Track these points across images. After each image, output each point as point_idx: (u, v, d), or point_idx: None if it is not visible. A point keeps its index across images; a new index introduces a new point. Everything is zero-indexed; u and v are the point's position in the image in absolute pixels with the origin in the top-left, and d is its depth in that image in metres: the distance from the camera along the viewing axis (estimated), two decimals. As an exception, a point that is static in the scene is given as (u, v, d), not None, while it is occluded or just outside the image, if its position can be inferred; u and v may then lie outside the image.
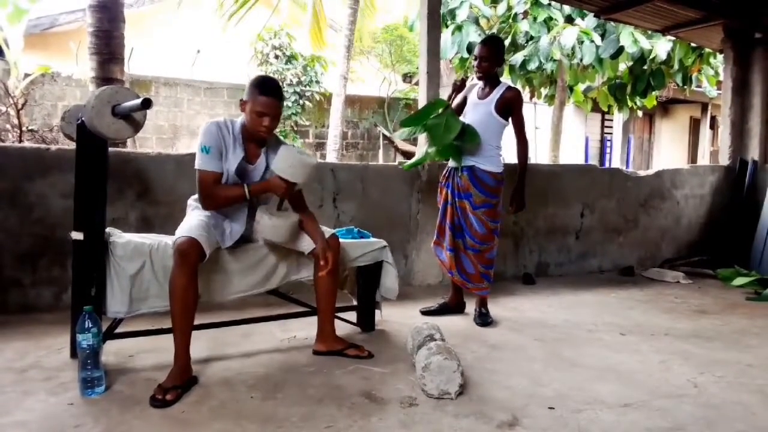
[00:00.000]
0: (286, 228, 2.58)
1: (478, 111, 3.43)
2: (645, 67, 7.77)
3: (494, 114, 3.38)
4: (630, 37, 6.83)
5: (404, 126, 3.55)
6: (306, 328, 3.05)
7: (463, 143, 3.36)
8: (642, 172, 5.56)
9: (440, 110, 3.43)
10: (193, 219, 2.55)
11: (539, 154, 11.94)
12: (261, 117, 2.48)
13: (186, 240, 2.37)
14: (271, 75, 10.39)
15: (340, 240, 2.84)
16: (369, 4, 11.35)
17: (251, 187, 2.50)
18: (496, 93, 3.39)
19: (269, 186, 2.53)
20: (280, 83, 10.36)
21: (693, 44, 7.20)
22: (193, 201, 2.71)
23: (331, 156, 9.31)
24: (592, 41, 6.93)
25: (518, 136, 3.46)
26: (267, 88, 2.50)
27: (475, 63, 3.46)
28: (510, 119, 3.43)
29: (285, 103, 10.31)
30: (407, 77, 13.88)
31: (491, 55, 3.39)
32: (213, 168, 2.48)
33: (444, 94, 3.73)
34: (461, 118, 3.48)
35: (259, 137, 2.56)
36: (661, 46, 7.09)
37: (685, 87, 8.24)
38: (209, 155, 2.46)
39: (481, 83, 3.51)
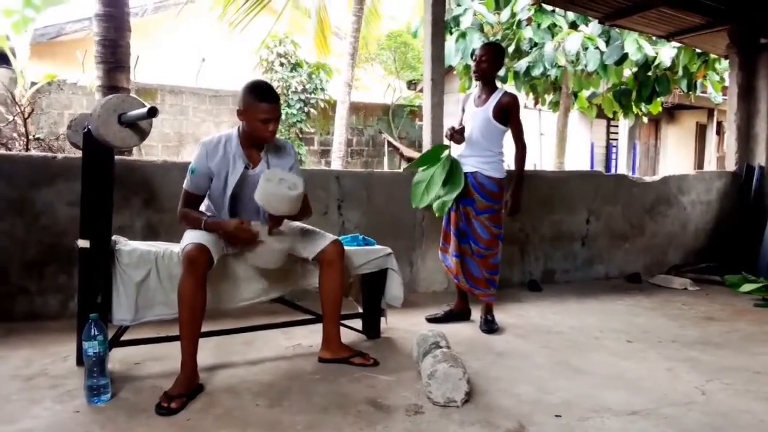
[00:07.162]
0: (269, 253, 2.57)
1: (476, 119, 3.45)
2: (649, 74, 7.75)
3: (492, 121, 3.40)
4: (634, 44, 6.82)
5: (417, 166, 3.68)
6: (311, 336, 3.04)
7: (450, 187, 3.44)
8: (648, 178, 5.54)
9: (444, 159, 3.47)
10: None
11: (544, 161, 11.91)
12: (266, 123, 2.49)
13: (195, 247, 2.38)
14: (276, 82, 10.45)
15: (345, 248, 2.84)
16: (374, 11, 11.39)
17: (208, 222, 2.51)
18: (493, 99, 3.41)
19: (221, 226, 2.52)
20: (285, 90, 10.46)
21: (698, 50, 7.18)
22: None
23: (336, 163, 9.33)
24: (597, 47, 6.93)
25: (516, 141, 3.48)
26: (263, 93, 2.51)
27: (473, 64, 3.52)
28: (508, 124, 3.45)
29: (290, 111, 10.49)
30: (412, 84, 13.91)
31: (491, 57, 3.43)
32: (192, 189, 2.59)
33: (447, 100, 3.73)
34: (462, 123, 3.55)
35: (264, 142, 2.59)
36: (666, 52, 7.08)
37: (690, 93, 8.21)
38: (193, 175, 2.57)
39: (477, 90, 3.53)
